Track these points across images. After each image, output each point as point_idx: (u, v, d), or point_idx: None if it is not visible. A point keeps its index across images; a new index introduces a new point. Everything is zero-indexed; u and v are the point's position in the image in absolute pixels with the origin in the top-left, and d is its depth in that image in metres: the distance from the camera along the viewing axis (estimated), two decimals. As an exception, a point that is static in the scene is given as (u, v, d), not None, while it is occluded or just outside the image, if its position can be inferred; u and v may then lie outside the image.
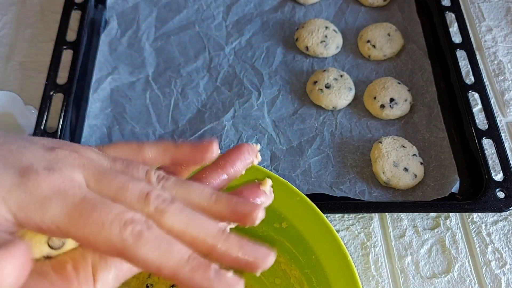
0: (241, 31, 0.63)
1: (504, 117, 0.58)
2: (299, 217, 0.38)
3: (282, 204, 0.39)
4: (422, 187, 0.51)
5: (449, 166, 0.52)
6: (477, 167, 0.51)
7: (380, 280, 0.47)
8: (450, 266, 0.48)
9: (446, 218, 0.51)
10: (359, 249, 0.49)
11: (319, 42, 0.60)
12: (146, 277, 0.45)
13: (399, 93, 0.56)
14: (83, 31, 0.59)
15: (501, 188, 0.49)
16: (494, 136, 0.52)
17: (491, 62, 0.62)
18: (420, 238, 0.50)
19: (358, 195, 0.51)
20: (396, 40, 0.61)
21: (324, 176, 0.52)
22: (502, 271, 0.48)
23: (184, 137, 0.55)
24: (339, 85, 0.56)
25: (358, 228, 0.50)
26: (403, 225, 0.50)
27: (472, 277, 0.48)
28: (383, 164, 0.51)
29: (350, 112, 0.57)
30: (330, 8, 0.65)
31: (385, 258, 0.49)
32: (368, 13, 0.65)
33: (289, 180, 0.40)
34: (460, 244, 0.49)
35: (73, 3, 0.60)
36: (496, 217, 0.51)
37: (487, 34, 0.65)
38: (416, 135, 0.55)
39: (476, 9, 0.67)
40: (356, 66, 0.61)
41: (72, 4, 0.60)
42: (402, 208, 0.49)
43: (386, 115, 0.55)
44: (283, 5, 0.65)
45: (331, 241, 0.36)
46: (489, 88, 0.60)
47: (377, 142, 0.53)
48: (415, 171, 0.51)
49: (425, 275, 0.48)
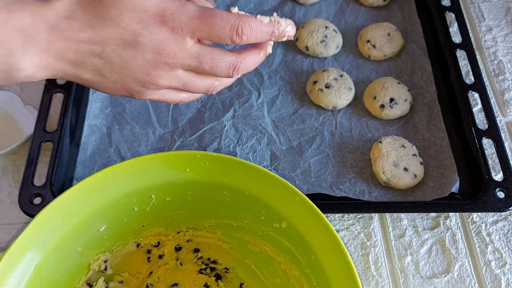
0: (241, 31, 0.63)
1: (504, 117, 0.58)
2: (299, 217, 0.38)
3: (282, 204, 0.39)
4: (422, 187, 0.51)
5: (449, 166, 0.52)
6: (477, 167, 0.51)
7: (380, 280, 0.47)
8: (450, 266, 0.48)
9: (446, 218, 0.51)
10: (359, 249, 0.49)
11: (319, 42, 0.60)
12: (146, 277, 0.45)
13: (399, 93, 0.56)
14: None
15: (501, 188, 0.49)
16: (494, 136, 0.52)
17: (491, 62, 0.62)
18: (420, 238, 0.50)
19: (358, 195, 0.51)
20: (396, 40, 0.61)
21: (324, 176, 0.52)
22: (502, 271, 0.48)
23: (184, 137, 0.55)
24: (339, 85, 0.56)
25: (358, 228, 0.50)
26: (403, 225, 0.50)
27: (472, 277, 0.47)
28: (383, 164, 0.51)
29: (350, 112, 0.57)
30: (330, 8, 0.65)
31: (385, 258, 0.49)
32: (368, 13, 0.65)
33: (289, 180, 0.40)
34: (460, 244, 0.49)
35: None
36: (496, 217, 0.51)
37: (487, 34, 0.64)
38: (416, 135, 0.55)
39: (476, 9, 0.67)
40: (356, 66, 0.60)
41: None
42: (402, 208, 0.49)
43: (386, 115, 0.55)
44: (283, 5, 0.65)
45: (331, 241, 0.36)
46: (489, 88, 0.60)
47: (377, 142, 0.53)
48: (415, 171, 0.51)
49: (425, 275, 0.48)
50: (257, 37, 0.36)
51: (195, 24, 0.34)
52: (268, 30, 0.36)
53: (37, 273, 0.36)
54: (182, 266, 0.45)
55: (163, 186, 0.40)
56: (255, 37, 0.36)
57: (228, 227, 0.43)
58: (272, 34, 0.37)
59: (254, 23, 0.35)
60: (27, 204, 0.47)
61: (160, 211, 0.42)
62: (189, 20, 0.34)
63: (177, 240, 0.45)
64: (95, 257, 0.42)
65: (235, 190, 0.40)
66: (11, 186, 0.52)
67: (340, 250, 0.35)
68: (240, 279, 0.45)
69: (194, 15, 0.34)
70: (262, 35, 0.36)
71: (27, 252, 0.36)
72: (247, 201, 0.40)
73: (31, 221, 0.36)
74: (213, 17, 0.34)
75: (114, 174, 0.38)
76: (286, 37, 0.38)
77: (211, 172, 0.40)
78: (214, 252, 0.45)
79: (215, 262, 0.45)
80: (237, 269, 0.45)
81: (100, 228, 0.40)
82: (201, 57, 0.36)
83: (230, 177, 0.40)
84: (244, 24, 0.35)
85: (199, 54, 0.36)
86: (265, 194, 0.39)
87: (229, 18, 0.35)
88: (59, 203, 0.37)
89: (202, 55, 0.36)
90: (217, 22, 0.34)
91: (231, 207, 0.41)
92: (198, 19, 0.34)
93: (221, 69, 0.37)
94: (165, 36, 0.35)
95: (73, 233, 0.38)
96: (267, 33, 0.36)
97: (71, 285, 0.41)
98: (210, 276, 0.45)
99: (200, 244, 0.46)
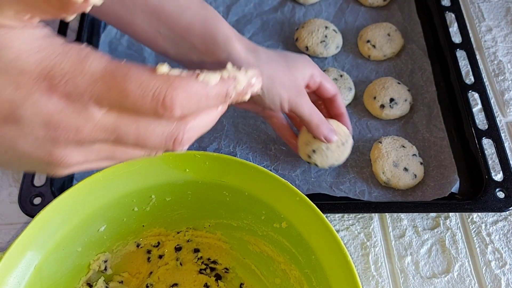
0: (240, 31, 0.63)
1: (504, 117, 0.58)
2: (299, 217, 0.38)
3: (282, 204, 0.38)
4: (422, 187, 0.51)
5: (449, 166, 0.52)
6: (477, 167, 0.51)
7: (380, 280, 0.47)
8: (450, 266, 0.48)
9: (446, 218, 0.51)
10: (359, 249, 0.49)
11: (319, 42, 0.60)
12: (146, 277, 0.45)
13: (399, 93, 0.56)
14: (83, 31, 0.59)
15: (501, 188, 0.49)
16: (494, 136, 0.52)
17: (491, 62, 0.62)
18: (420, 238, 0.49)
19: (358, 195, 0.51)
20: (396, 40, 0.61)
21: (324, 176, 0.52)
22: (502, 271, 0.48)
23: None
24: (339, 85, 0.56)
25: (358, 228, 0.50)
26: (403, 225, 0.50)
27: (472, 277, 0.47)
28: (383, 164, 0.51)
29: (350, 112, 0.57)
30: (330, 8, 0.65)
31: (385, 258, 0.49)
32: (368, 13, 0.65)
33: (289, 180, 0.40)
34: (460, 244, 0.49)
35: (73, 3, 0.60)
36: (496, 217, 0.51)
37: (487, 34, 0.64)
38: (416, 135, 0.55)
39: (476, 9, 0.67)
40: (356, 66, 0.60)
41: (72, 4, 0.60)
42: (402, 208, 0.49)
43: (386, 115, 0.55)
44: (283, 5, 0.65)
45: (331, 241, 0.36)
46: (489, 88, 0.60)
47: (377, 142, 0.53)
48: (415, 171, 0.51)
49: (425, 275, 0.48)
50: (200, 106, 0.25)
51: (99, 89, 0.24)
52: (218, 93, 0.25)
53: (37, 273, 0.36)
54: (182, 266, 0.45)
55: (163, 186, 0.40)
56: (196, 106, 0.24)
57: (228, 227, 0.43)
58: (227, 97, 0.25)
59: (192, 88, 0.24)
60: (27, 204, 0.47)
61: (160, 211, 0.42)
62: (89, 84, 0.23)
63: (177, 240, 0.45)
64: (95, 257, 0.42)
65: (235, 190, 0.40)
66: (11, 186, 0.52)
67: (340, 250, 0.35)
68: (240, 279, 0.45)
69: (96, 75, 0.24)
70: (209, 102, 0.25)
71: (27, 252, 0.36)
72: (247, 201, 0.40)
73: (31, 221, 0.36)
74: (124, 80, 0.23)
75: (114, 174, 0.38)
76: (250, 94, 0.26)
77: (211, 172, 0.40)
78: (214, 252, 0.45)
79: (215, 262, 0.45)
80: (237, 269, 0.45)
81: (100, 228, 0.40)
82: (119, 130, 0.25)
83: (230, 177, 0.40)
84: (175, 92, 0.23)
85: (115, 127, 0.25)
86: (265, 194, 0.39)
87: (150, 82, 0.24)
88: (59, 203, 0.37)
89: (120, 128, 0.25)
90: (130, 88, 0.23)
91: (231, 207, 0.41)
92: (103, 83, 0.24)
93: (153, 143, 0.26)
94: (57, 107, 0.24)
95: (73, 233, 0.38)
96: (217, 98, 0.25)
97: (71, 285, 0.41)
98: (210, 276, 0.45)
99: (200, 244, 0.45)
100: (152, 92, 0.23)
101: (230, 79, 0.25)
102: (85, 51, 0.24)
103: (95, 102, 0.24)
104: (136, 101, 0.24)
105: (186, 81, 0.24)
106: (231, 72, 0.25)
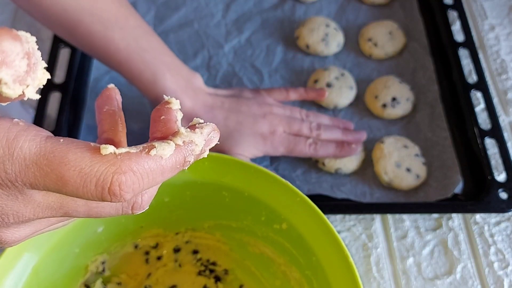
0: (240, 29, 0.62)
1: (507, 116, 0.57)
2: (299, 218, 0.38)
3: (282, 204, 0.38)
4: (424, 188, 0.51)
5: (452, 166, 0.51)
6: (479, 167, 0.50)
7: (381, 282, 0.47)
8: (452, 267, 0.48)
9: (449, 218, 0.50)
10: (360, 250, 0.48)
11: (320, 40, 0.59)
12: (145, 278, 0.44)
13: (401, 92, 0.55)
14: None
15: (504, 189, 0.48)
16: (497, 136, 0.52)
17: (494, 61, 0.61)
18: (422, 239, 0.49)
19: (359, 196, 0.50)
20: (398, 39, 0.60)
21: (325, 176, 0.52)
22: (505, 272, 0.47)
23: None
24: (340, 84, 0.56)
25: (360, 229, 0.50)
26: (405, 226, 0.50)
27: (475, 278, 0.47)
28: (385, 165, 0.50)
29: (352, 112, 0.56)
30: (331, 6, 0.65)
31: (386, 260, 0.48)
32: (370, 11, 0.64)
33: (290, 180, 0.40)
34: (463, 245, 0.49)
35: (71, 1, 0.60)
36: (499, 218, 0.50)
37: (490, 33, 0.64)
38: (418, 135, 0.54)
39: (478, 7, 0.66)
40: (357, 64, 0.60)
41: (70, 2, 0.60)
42: (404, 209, 0.48)
43: (388, 115, 0.55)
44: (283, 3, 0.65)
45: (332, 242, 0.36)
46: (492, 87, 0.59)
47: (379, 142, 0.53)
48: (418, 171, 0.50)
49: (427, 277, 0.47)
50: (155, 183, 0.22)
51: (32, 176, 0.21)
52: (175, 164, 0.22)
53: (34, 275, 0.36)
54: (181, 267, 0.45)
55: (161, 186, 0.39)
56: (151, 184, 0.22)
57: (227, 228, 0.43)
58: (185, 164, 0.23)
59: (144, 167, 0.21)
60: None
61: (158, 212, 0.42)
62: (20, 171, 0.21)
63: (175, 241, 0.45)
64: (92, 258, 0.41)
65: (234, 190, 0.39)
66: (9, 186, 0.52)
67: (341, 251, 0.35)
68: (239, 281, 0.44)
69: (28, 161, 0.21)
70: (165, 176, 0.23)
71: (24, 254, 0.35)
72: (247, 201, 0.39)
73: (27, 223, 0.35)
74: (61, 167, 0.21)
75: (111, 174, 0.38)
76: (208, 152, 0.24)
77: (210, 172, 0.39)
78: (213, 253, 0.45)
79: (215, 264, 0.45)
80: (237, 270, 0.44)
81: (98, 229, 0.40)
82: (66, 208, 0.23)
83: (229, 177, 0.39)
84: (124, 177, 0.21)
85: (61, 205, 0.23)
86: (265, 194, 0.39)
87: (93, 168, 0.21)
88: (56, 204, 0.36)
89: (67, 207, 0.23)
90: (69, 176, 0.21)
91: (231, 208, 0.41)
92: (36, 169, 0.21)
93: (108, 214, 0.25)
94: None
95: (70, 234, 0.38)
96: (174, 170, 0.22)
97: (69, 287, 0.40)
98: (210, 278, 0.45)
99: (199, 246, 0.45)
100: (96, 178, 0.21)
101: (186, 144, 0.23)
102: (13, 132, 0.21)
103: (31, 187, 0.21)
104: (77, 189, 0.21)
105: (136, 160, 0.21)
106: (186, 136, 0.22)
